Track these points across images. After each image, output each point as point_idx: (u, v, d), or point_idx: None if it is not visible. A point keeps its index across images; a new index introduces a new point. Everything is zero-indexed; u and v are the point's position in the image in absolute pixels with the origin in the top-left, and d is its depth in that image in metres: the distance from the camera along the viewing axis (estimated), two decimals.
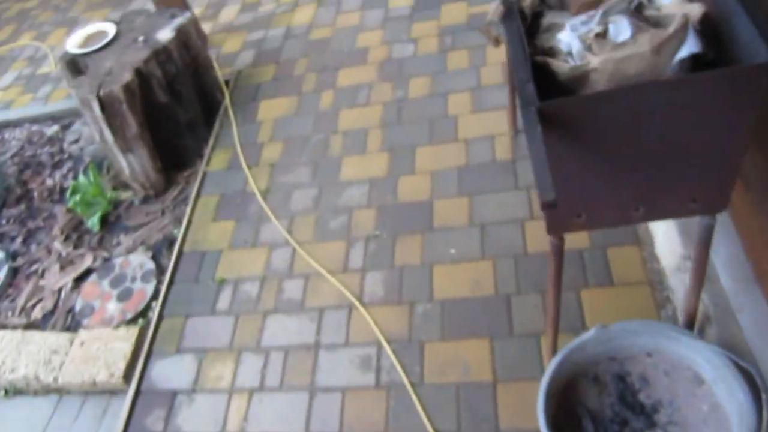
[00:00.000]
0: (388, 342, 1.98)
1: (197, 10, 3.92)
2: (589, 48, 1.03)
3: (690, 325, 1.55)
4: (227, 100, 3.11)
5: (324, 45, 3.25)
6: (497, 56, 2.79)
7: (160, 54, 2.72)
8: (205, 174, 2.79)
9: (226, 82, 3.22)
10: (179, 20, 2.86)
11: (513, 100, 2.31)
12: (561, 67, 1.04)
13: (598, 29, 1.01)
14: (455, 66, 2.83)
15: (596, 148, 1.04)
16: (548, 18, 1.20)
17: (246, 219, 2.52)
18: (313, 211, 2.45)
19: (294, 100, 2.98)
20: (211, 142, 2.94)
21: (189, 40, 2.89)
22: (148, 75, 2.67)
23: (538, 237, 2.10)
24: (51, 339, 2.37)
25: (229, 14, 3.83)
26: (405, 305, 2.06)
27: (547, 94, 0.99)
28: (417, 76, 2.85)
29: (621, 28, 0.99)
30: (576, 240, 2.03)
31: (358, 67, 3.02)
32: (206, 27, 3.74)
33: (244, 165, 2.75)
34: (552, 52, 1.12)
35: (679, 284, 1.73)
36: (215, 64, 3.15)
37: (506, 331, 1.91)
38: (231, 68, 3.36)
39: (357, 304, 2.10)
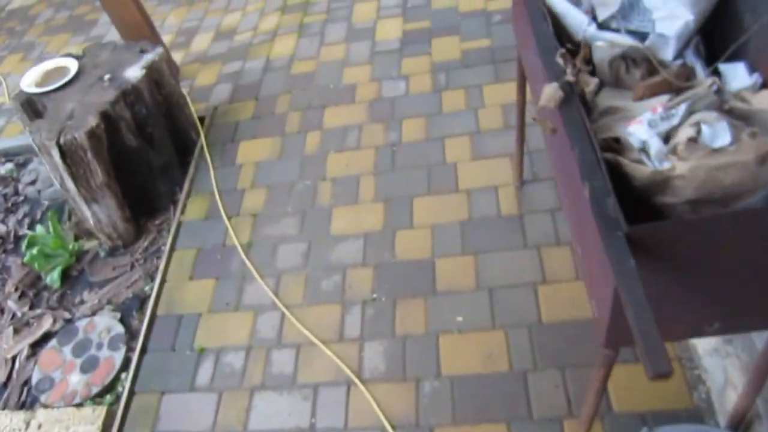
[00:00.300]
0: (393, 427, 1.77)
1: (167, 38, 3.68)
2: (673, 150, 0.86)
3: (737, 423, 1.40)
4: (203, 140, 2.87)
5: (307, 80, 3.04)
6: (495, 97, 2.64)
7: (129, 94, 2.47)
8: (180, 224, 2.54)
9: (201, 120, 2.98)
10: (150, 56, 2.61)
11: (521, 148, 2.15)
12: (639, 171, 0.87)
13: (690, 132, 0.84)
14: (451, 107, 2.66)
15: (678, 269, 0.87)
16: (604, 97, 1.03)
17: (227, 277, 2.28)
18: (303, 269, 2.23)
19: (277, 142, 2.76)
20: (186, 187, 2.69)
21: (161, 78, 2.65)
22: (115, 118, 2.42)
23: (552, 304, 1.94)
24: (2, 420, 2.08)
25: (201, 43, 3.59)
26: (410, 382, 1.87)
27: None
28: (410, 117, 2.67)
29: (718, 132, 0.83)
30: None
31: (345, 105, 2.83)
32: (177, 56, 3.49)
33: (223, 214, 2.51)
34: (619, 146, 0.95)
35: (715, 367, 1.59)
36: (189, 102, 2.90)
37: (525, 415, 1.73)
38: (206, 103, 3.12)
39: (356, 380, 1.89)
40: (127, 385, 2.06)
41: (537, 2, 1.14)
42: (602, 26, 1.19)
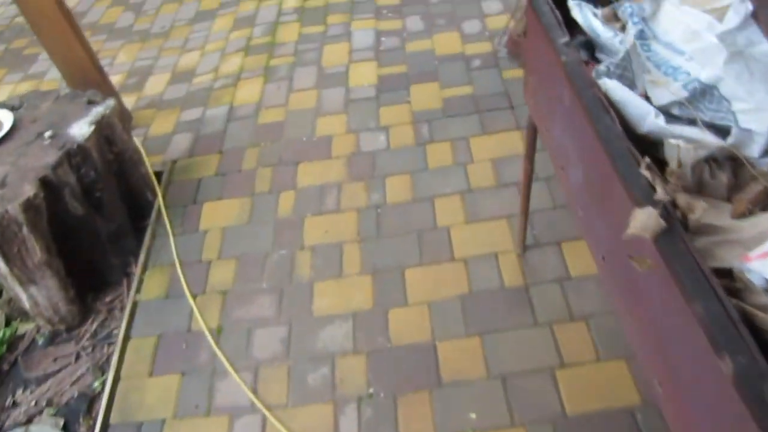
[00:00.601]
0: None
1: (117, 78, 3.34)
2: None
3: None
4: (160, 201, 2.54)
5: (276, 131, 2.77)
6: (483, 151, 2.45)
7: (75, 156, 2.14)
8: (135, 305, 2.20)
9: (158, 175, 2.66)
10: (99, 109, 2.29)
11: (525, 216, 1.95)
12: None
13: None
14: (437, 162, 2.45)
15: None
16: (700, 213, 0.82)
17: (195, 372, 1.97)
18: (284, 360, 1.94)
19: (245, 203, 2.47)
20: (141, 258, 2.36)
21: (112, 134, 2.33)
22: (58, 185, 2.08)
23: (576, 392, 1.72)
24: None
25: (156, 85, 3.28)
26: None
27: None
28: (394, 175, 2.44)
29: None
30: (623, 396, 1.68)
31: (321, 161, 2.57)
32: (128, 100, 3.16)
33: (187, 292, 2.19)
34: (733, 284, 0.74)
35: None
36: (145, 157, 2.58)
37: None
38: (162, 156, 2.80)
39: None
40: None
41: (591, 87, 0.93)
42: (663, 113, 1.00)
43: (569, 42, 1.02)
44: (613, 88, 0.95)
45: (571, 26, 1.18)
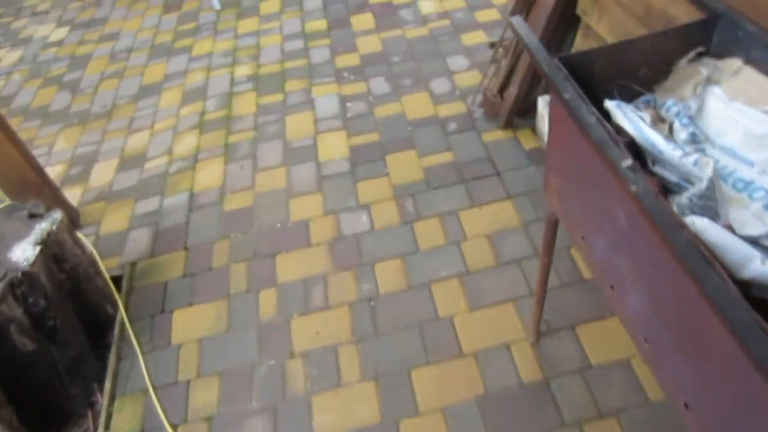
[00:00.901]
0: None
1: (58, 169, 3.05)
2: None
3: None
4: (122, 314, 2.26)
5: (246, 218, 2.54)
6: (476, 226, 2.29)
7: (20, 285, 1.85)
8: None
9: (117, 281, 2.38)
10: (44, 226, 2.01)
11: (540, 302, 1.78)
12: None
13: None
14: (429, 242, 2.28)
15: None
16: None
17: None
18: None
19: (221, 307, 2.22)
20: (107, 385, 2.06)
21: (62, 251, 2.05)
22: (2, 322, 1.79)
23: None
24: None
25: (103, 174, 2.99)
26: None
27: None
28: (383, 260, 2.25)
29: None
30: None
31: (301, 250, 2.36)
32: (73, 194, 2.87)
33: (166, 424, 1.91)
34: None
35: None
36: (101, 265, 2.30)
37: None
38: (119, 258, 2.52)
39: None
40: None
41: (680, 229, 0.78)
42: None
43: (635, 167, 0.87)
44: (707, 229, 0.79)
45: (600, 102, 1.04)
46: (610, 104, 1.05)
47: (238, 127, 3.05)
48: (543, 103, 2.47)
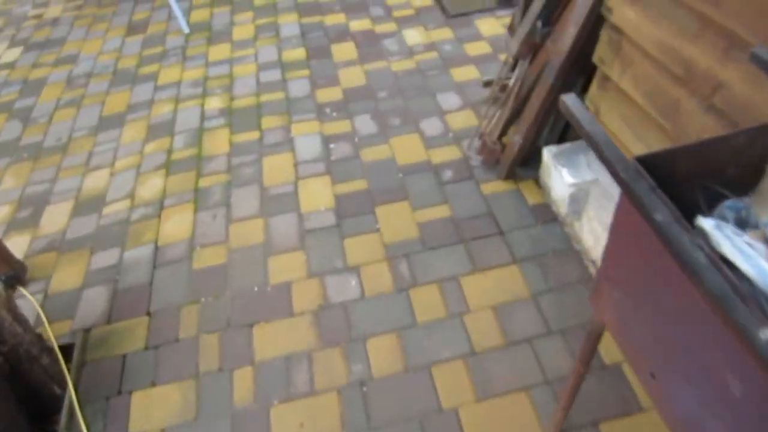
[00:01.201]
0: None
1: (4, 211, 2.72)
2: None
3: None
4: (72, 395, 1.94)
5: (219, 279, 2.25)
6: (480, 295, 2.06)
7: None
8: None
9: (66, 351, 2.05)
10: None
11: (567, 406, 1.55)
12: None
13: None
14: (427, 314, 2.03)
15: None
16: None
17: None
18: None
19: (189, 389, 1.92)
20: None
21: (0, 331, 1.73)
22: None
23: None
24: None
25: (56, 218, 2.66)
26: None
27: None
28: (376, 335, 1.99)
29: None
30: None
31: (281, 320, 2.08)
32: (21, 243, 2.53)
33: None
34: None
35: None
36: (50, 332, 1.98)
37: None
38: (71, 322, 2.20)
39: None
40: None
41: None
42: None
43: (749, 306, 0.65)
44: None
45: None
46: (706, 224, 0.82)
47: (210, 168, 2.76)
48: (549, 155, 2.26)
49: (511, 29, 2.49)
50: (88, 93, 3.46)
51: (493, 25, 3.50)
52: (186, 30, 3.83)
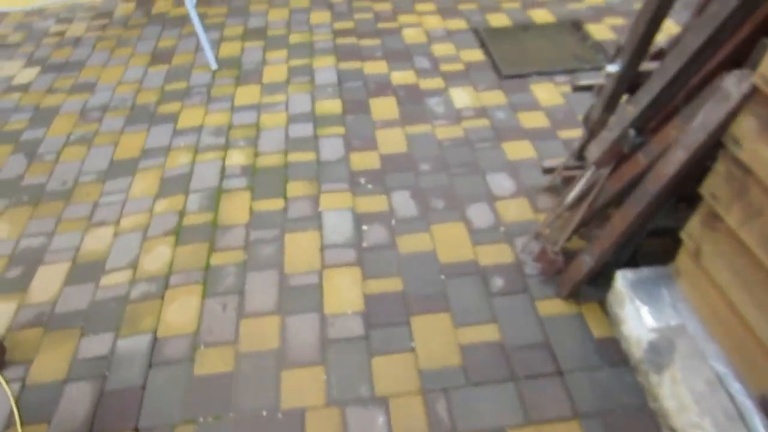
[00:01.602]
0: None
1: None
2: None
3: None
4: None
5: (222, 394, 1.92)
6: None
7: None
8: None
9: None
10: None
11: None
12: None
13: None
14: None
15: None
16: None
17: None
18: None
19: None
20: None
21: None
22: None
23: None
24: None
25: (49, 283, 2.35)
26: None
27: None
28: None
29: None
30: None
31: None
32: (5, 310, 2.25)
33: None
34: None
35: None
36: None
37: None
38: (46, 428, 1.87)
39: None
40: None
41: None
42: None
43: None
44: None
45: None
46: None
47: (225, 242, 2.44)
48: (624, 282, 1.91)
49: (587, 122, 2.15)
50: (101, 130, 3.17)
51: (551, 93, 3.16)
52: (214, 66, 3.54)
